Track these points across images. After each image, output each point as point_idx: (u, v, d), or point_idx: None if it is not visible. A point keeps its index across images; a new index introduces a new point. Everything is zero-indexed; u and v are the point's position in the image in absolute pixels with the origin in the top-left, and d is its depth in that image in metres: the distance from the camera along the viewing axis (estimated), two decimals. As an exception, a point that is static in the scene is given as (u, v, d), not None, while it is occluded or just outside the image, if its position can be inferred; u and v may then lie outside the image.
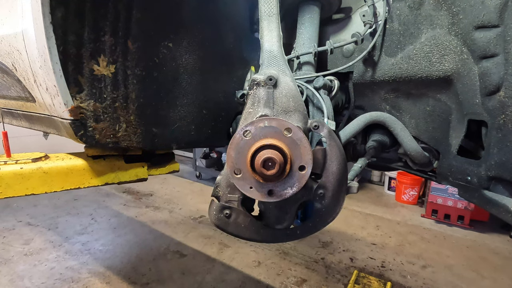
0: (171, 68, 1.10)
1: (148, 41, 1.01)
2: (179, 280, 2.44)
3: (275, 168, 0.69)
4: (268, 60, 0.88)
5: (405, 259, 2.86)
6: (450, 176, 1.01)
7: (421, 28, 0.97)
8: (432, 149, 1.10)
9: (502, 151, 0.82)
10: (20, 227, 3.31)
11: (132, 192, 4.52)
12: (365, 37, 1.10)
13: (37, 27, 0.81)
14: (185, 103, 1.17)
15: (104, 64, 0.93)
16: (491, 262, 2.85)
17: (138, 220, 3.56)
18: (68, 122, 0.93)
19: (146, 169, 1.26)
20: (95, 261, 2.67)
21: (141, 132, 1.07)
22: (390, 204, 4.34)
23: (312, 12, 1.20)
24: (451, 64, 0.93)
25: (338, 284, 2.44)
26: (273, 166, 0.69)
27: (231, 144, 0.75)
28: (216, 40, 1.21)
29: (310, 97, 1.03)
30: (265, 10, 0.91)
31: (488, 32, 0.81)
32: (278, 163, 0.69)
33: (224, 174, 0.87)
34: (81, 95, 0.92)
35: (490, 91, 0.82)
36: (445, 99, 1.01)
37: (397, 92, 1.13)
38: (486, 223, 3.60)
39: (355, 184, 4.79)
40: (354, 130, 1.07)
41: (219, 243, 3.03)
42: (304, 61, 1.19)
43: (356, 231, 3.41)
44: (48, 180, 1.04)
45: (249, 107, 0.83)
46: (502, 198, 0.84)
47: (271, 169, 0.70)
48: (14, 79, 1.08)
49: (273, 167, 0.70)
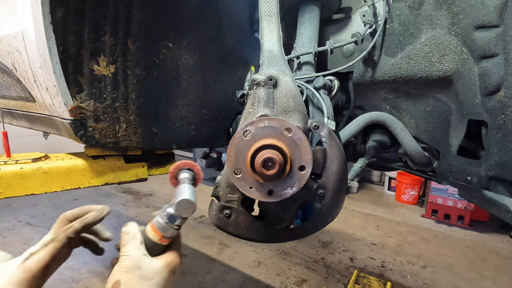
0: (171, 68, 1.10)
1: (148, 41, 1.01)
2: (179, 280, 2.44)
3: (275, 168, 0.69)
4: (268, 60, 0.87)
5: (405, 259, 2.86)
6: (450, 176, 1.01)
7: (421, 28, 0.97)
8: (432, 149, 1.10)
9: (502, 151, 0.82)
10: (20, 227, 3.31)
11: (132, 192, 4.52)
12: (365, 37, 1.10)
13: (37, 27, 0.81)
14: (185, 103, 1.17)
15: (104, 64, 0.93)
16: (491, 262, 2.85)
17: (138, 220, 3.54)
18: (68, 122, 0.93)
19: (146, 169, 1.26)
20: (95, 261, 2.67)
21: (141, 132, 1.07)
22: (390, 204, 4.34)
23: (312, 12, 1.20)
24: (451, 64, 0.93)
25: (338, 284, 2.44)
26: (273, 166, 0.69)
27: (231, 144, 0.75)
28: (216, 40, 1.21)
29: (310, 97, 1.03)
30: (265, 10, 0.91)
31: (488, 32, 0.81)
32: (278, 163, 0.69)
33: (224, 174, 0.87)
34: (81, 95, 0.92)
35: (490, 91, 0.82)
36: (445, 99, 1.01)
37: (397, 92, 1.13)
38: (486, 223, 3.60)
39: (355, 184, 4.79)
40: (354, 130, 1.07)
41: (219, 243, 3.03)
42: (304, 61, 1.19)
43: (356, 231, 3.41)
44: (48, 180, 1.04)
45: (249, 107, 0.83)
46: (502, 198, 0.84)
47: (271, 169, 0.70)
48: (14, 79, 1.08)
49: (273, 167, 0.69)
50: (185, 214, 0.61)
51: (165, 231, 0.61)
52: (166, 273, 0.60)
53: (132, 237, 0.61)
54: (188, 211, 0.61)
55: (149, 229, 0.62)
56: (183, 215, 0.61)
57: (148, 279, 0.57)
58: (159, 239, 0.61)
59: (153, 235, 0.61)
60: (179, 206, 0.60)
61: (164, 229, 0.61)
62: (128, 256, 0.58)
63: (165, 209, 0.62)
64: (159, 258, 0.61)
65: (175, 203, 0.60)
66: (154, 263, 0.59)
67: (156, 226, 0.61)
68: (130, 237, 0.61)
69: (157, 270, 0.59)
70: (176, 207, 0.60)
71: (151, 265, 0.58)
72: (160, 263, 0.60)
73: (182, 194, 0.61)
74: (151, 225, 0.62)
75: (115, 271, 0.57)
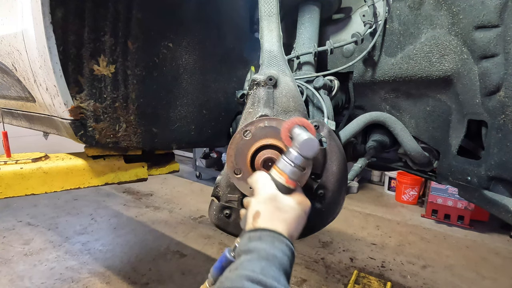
0: (171, 68, 1.10)
1: (148, 41, 1.01)
2: (179, 280, 2.44)
3: (275, 168, 0.69)
4: (268, 60, 0.88)
5: (405, 259, 2.86)
6: (450, 176, 1.01)
7: (421, 28, 0.97)
8: (432, 149, 1.10)
9: (502, 151, 0.82)
10: (20, 227, 3.31)
11: (132, 192, 4.52)
12: (365, 37, 1.10)
13: (37, 27, 0.81)
14: (185, 103, 1.17)
15: (104, 64, 0.93)
16: (491, 262, 2.85)
17: (138, 220, 3.56)
18: (68, 122, 0.93)
19: (146, 169, 1.26)
20: (95, 261, 2.67)
21: (141, 132, 1.07)
22: (390, 204, 4.34)
23: (312, 12, 1.20)
24: (451, 64, 0.93)
25: (338, 284, 2.44)
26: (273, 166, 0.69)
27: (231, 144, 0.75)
28: (216, 40, 1.21)
29: (310, 97, 1.03)
30: (265, 10, 0.91)
31: (488, 32, 0.81)
32: (278, 163, 0.69)
33: (224, 174, 0.87)
34: (81, 95, 0.92)
35: (490, 91, 0.82)
36: (445, 99, 1.01)
37: (397, 92, 1.13)
38: (486, 223, 3.60)
39: (355, 184, 4.79)
40: (354, 130, 1.07)
41: (219, 243, 3.03)
42: (304, 61, 1.19)
43: (356, 231, 3.41)
44: (48, 180, 1.04)
45: (249, 107, 0.83)
46: (502, 198, 0.84)
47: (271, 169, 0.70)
48: (14, 79, 1.08)
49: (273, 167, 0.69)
50: (309, 153, 0.61)
51: (291, 173, 0.62)
52: (300, 210, 0.62)
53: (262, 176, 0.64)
54: (312, 150, 0.61)
55: (275, 172, 0.64)
56: (307, 155, 0.62)
57: (284, 211, 0.60)
58: (285, 180, 0.62)
59: (279, 176, 0.63)
60: (302, 146, 0.61)
61: (290, 171, 0.62)
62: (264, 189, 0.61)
63: (290, 151, 0.63)
64: (291, 196, 0.63)
65: (299, 143, 0.61)
66: (288, 199, 0.62)
67: (281, 168, 0.63)
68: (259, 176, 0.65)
69: (292, 205, 0.61)
70: (300, 147, 0.61)
71: (286, 200, 0.61)
72: (294, 200, 0.62)
73: (303, 136, 0.62)
74: (276, 168, 0.64)
75: (253, 203, 0.61)
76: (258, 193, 0.62)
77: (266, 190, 0.61)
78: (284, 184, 0.62)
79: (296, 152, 0.62)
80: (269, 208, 0.59)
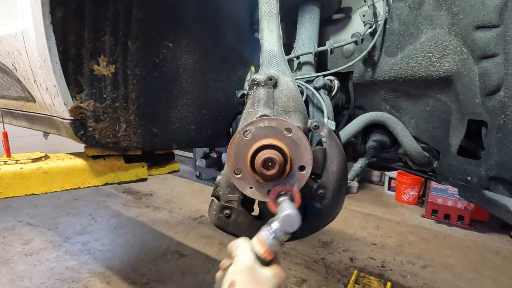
0: (171, 68, 1.10)
1: (148, 41, 1.01)
2: (179, 280, 2.44)
3: (275, 168, 0.69)
4: (268, 60, 0.87)
5: (405, 259, 2.86)
6: (450, 176, 1.01)
7: (421, 28, 0.97)
8: (432, 149, 1.10)
9: (502, 151, 0.82)
10: (20, 227, 3.31)
11: (132, 192, 4.52)
12: (365, 37, 1.10)
13: (37, 27, 0.81)
14: (185, 103, 1.17)
15: (104, 64, 0.93)
16: (491, 262, 2.85)
17: (138, 220, 3.56)
18: (68, 122, 0.93)
19: (146, 169, 1.26)
20: (95, 261, 2.67)
21: (141, 132, 1.07)
22: (390, 204, 4.34)
23: (312, 12, 1.20)
24: (451, 64, 0.93)
25: (338, 284, 2.44)
26: (273, 166, 0.69)
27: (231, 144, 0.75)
28: (216, 40, 1.21)
29: (310, 97, 1.03)
30: (265, 10, 0.91)
31: (488, 32, 0.81)
32: (278, 163, 0.69)
33: (224, 174, 0.87)
34: (81, 95, 0.92)
35: (490, 91, 0.82)
36: (445, 99, 1.01)
37: (397, 92, 1.13)
38: (486, 223, 3.60)
39: (355, 184, 4.79)
40: (354, 130, 1.07)
41: (219, 243, 3.03)
42: (304, 61, 1.19)
43: (356, 231, 3.41)
44: (48, 180, 1.04)
45: (249, 107, 0.83)
46: (502, 198, 0.84)
47: (271, 169, 0.70)
48: (14, 79, 1.08)
49: (273, 167, 0.69)
50: (290, 229, 0.63)
51: (271, 245, 0.64)
52: (275, 283, 0.64)
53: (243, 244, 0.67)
54: (292, 226, 0.62)
55: (256, 241, 0.65)
56: (288, 230, 0.63)
57: (260, 283, 0.62)
58: (263, 252, 0.64)
59: (259, 247, 0.64)
60: (284, 221, 0.63)
61: (270, 243, 0.64)
62: (242, 258, 0.63)
63: (270, 224, 0.64)
64: (268, 268, 0.65)
65: (280, 218, 0.63)
66: (265, 271, 0.64)
67: (263, 239, 0.64)
68: (240, 244, 0.67)
69: (267, 278, 0.63)
70: (281, 221, 0.63)
71: (262, 272, 0.63)
72: (270, 272, 0.64)
73: (286, 209, 0.64)
74: (258, 238, 0.65)
75: (231, 271, 0.63)
76: (237, 262, 0.64)
77: (245, 260, 0.63)
78: (262, 256, 0.64)
79: (278, 224, 0.63)
80: (244, 280, 0.61)
